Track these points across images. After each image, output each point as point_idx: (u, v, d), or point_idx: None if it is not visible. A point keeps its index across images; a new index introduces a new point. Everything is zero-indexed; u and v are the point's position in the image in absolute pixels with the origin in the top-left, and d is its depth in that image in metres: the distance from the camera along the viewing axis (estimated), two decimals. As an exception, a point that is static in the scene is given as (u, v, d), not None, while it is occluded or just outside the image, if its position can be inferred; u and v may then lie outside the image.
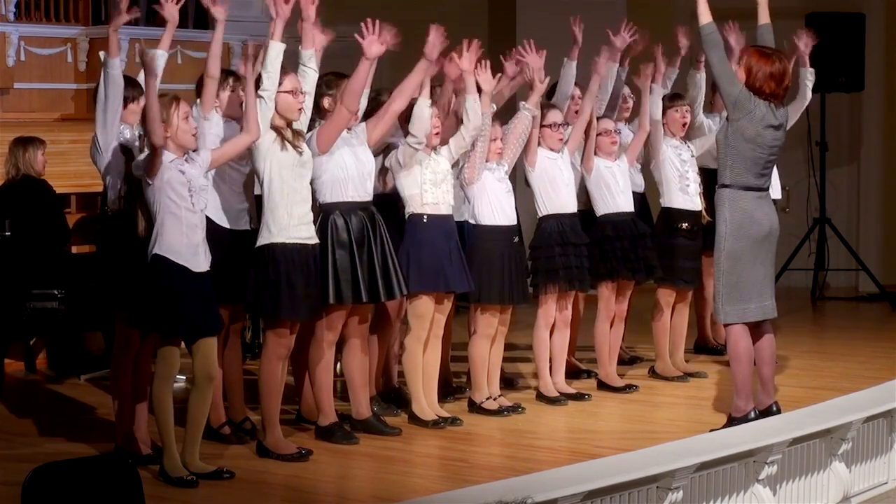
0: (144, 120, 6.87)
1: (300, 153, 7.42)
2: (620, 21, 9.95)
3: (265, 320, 7.65)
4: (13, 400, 8.97)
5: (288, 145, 7.38)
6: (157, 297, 6.88)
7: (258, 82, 7.33)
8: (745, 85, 7.75)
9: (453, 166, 8.27)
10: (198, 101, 7.48)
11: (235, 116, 7.62)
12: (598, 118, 9.14)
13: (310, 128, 7.70)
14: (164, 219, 6.88)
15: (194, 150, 7.03)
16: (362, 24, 7.65)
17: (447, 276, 8.09)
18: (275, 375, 7.50)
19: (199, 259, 6.98)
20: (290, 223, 7.37)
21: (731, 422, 7.90)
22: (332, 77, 7.80)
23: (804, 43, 9.11)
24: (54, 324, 9.49)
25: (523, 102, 8.55)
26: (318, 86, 7.71)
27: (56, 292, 9.45)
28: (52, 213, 9.58)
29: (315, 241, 7.51)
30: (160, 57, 7.39)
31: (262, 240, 7.39)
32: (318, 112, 7.74)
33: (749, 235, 7.79)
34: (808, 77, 9.29)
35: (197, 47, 11.40)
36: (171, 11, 7.36)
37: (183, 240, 6.91)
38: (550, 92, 9.33)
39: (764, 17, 8.09)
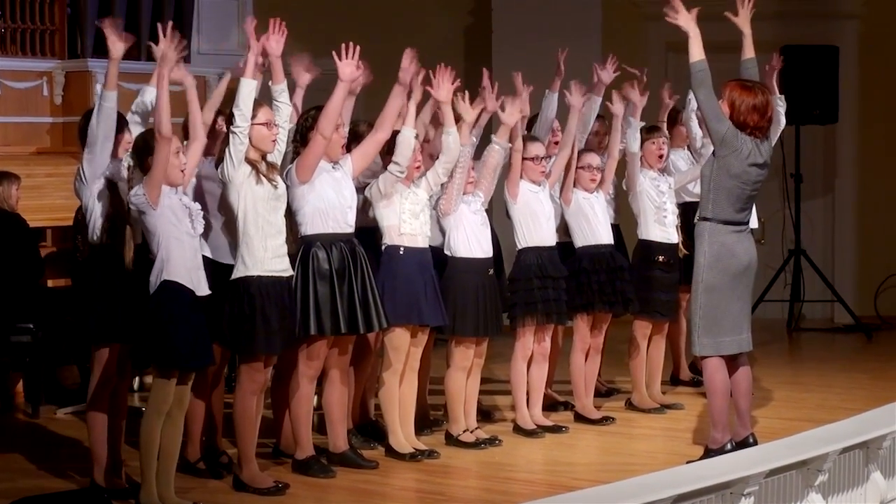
0: (156, 109, 6.92)
1: (275, 186, 7.43)
2: (594, 52, 9.99)
3: (240, 355, 7.62)
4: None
5: (263, 178, 7.38)
6: (166, 328, 6.86)
7: (231, 118, 7.35)
8: (728, 117, 7.77)
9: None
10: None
11: (211, 153, 7.64)
12: (580, 152, 9.17)
13: (292, 160, 7.72)
14: (168, 245, 6.90)
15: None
16: (342, 46, 7.67)
17: (421, 310, 8.09)
18: (250, 410, 7.48)
19: (201, 283, 7.03)
20: (265, 256, 7.37)
21: (708, 453, 7.91)
22: (318, 111, 7.79)
23: (771, 69, 9.16)
24: (29, 357, 9.46)
25: (494, 136, 8.57)
26: (305, 119, 7.74)
27: (31, 326, 9.42)
28: (26, 247, 9.56)
29: (289, 273, 7.51)
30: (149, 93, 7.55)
31: (238, 273, 7.39)
32: (305, 145, 7.73)
33: (727, 269, 7.81)
34: (780, 103, 9.35)
35: (173, 81, 11.37)
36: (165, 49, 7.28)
37: (188, 263, 6.95)
38: (530, 123, 9.38)
39: (749, 51, 8.10)
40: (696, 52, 7.78)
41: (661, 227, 9.51)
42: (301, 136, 7.74)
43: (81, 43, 11.28)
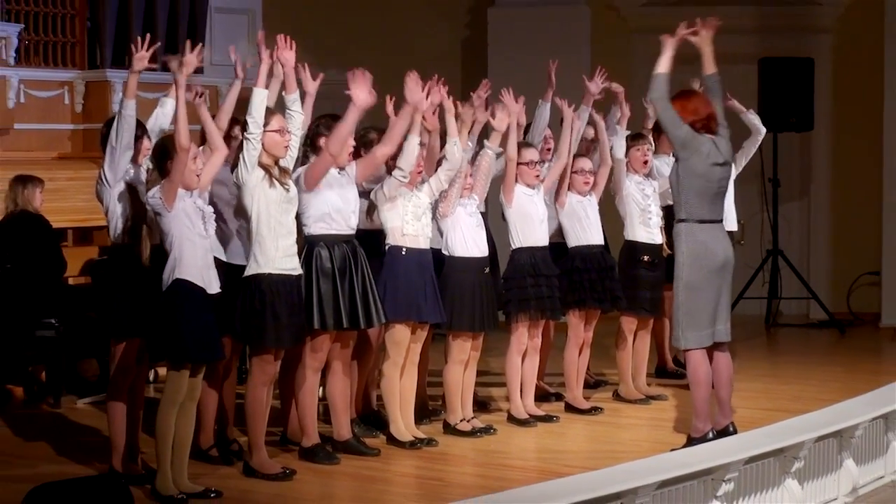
0: (174, 122, 6.96)
1: (287, 189, 7.44)
2: (584, 63, 9.92)
3: (251, 348, 7.63)
4: (12, 423, 8.93)
5: (276, 182, 7.39)
6: (177, 323, 6.87)
7: (245, 126, 7.36)
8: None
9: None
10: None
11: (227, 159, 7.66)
12: (574, 157, 9.19)
13: (303, 163, 7.73)
14: (181, 245, 6.91)
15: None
16: (348, 74, 7.66)
17: (420, 308, 8.09)
18: (260, 400, 7.48)
19: (212, 282, 7.04)
20: (276, 255, 7.38)
21: (691, 442, 7.91)
22: (329, 119, 7.78)
23: (731, 103, 9.08)
24: (52, 351, 9.45)
25: (486, 141, 8.58)
26: (316, 126, 7.75)
27: (53, 321, 9.42)
28: (48, 247, 9.56)
29: (299, 271, 7.51)
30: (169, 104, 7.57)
31: (250, 270, 7.39)
32: (314, 150, 7.74)
33: (705, 266, 7.83)
34: (752, 116, 9.37)
35: (187, 90, 11.35)
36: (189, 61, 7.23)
37: (199, 263, 6.96)
38: (526, 131, 9.41)
39: (709, 67, 8.07)
40: (665, 64, 7.84)
41: (645, 228, 9.53)
42: (311, 142, 7.75)
43: (101, 54, 11.28)
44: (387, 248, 8.13)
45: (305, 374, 7.75)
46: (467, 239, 8.40)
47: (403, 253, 8.08)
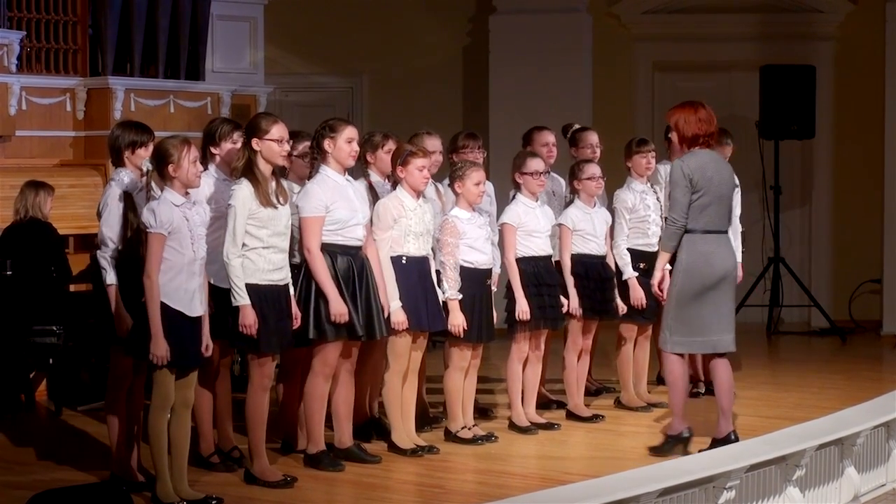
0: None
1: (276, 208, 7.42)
2: (585, 70, 9.75)
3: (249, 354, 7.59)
4: (14, 429, 8.92)
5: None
6: (149, 329, 6.83)
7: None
8: (679, 140, 8.00)
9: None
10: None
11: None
12: (585, 163, 9.22)
13: (311, 165, 7.80)
14: (166, 265, 6.84)
15: (195, 190, 7.04)
16: None
17: (422, 316, 8.08)
18: (260, 406, 7.46)
19: (195, 304, 6.94)
20: (265, 267, 7.37)
21: (667, 440, 8.03)
22: (334, 122, 7.79)
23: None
24: (54, 358, 9.45)
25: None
26: (322, 129, 7.74)
27: (55, 328, 9.41)
28: (55, 254, 9.55)
29: (286, 281, 7.48)
30: None
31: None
32: (321, 155, 7.73)
33: (700, 277, 7.92)
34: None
35: (189, 97, 11.40)
36: None
37: (181, 286, 6.87)
38: (526, 137, 9.45)
39: None
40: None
41: (643, 236, 9.54)
42: (316, 145, 7.76)
43: (102, 61, 11.29)
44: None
45: (316, 381, 7.73)
46: (473, 250, 8.37)
47: (404, 262, 8.07)
